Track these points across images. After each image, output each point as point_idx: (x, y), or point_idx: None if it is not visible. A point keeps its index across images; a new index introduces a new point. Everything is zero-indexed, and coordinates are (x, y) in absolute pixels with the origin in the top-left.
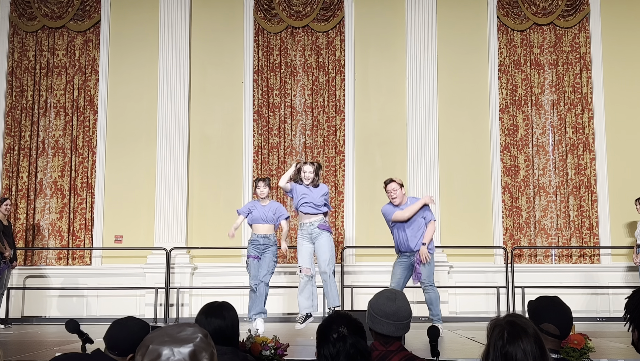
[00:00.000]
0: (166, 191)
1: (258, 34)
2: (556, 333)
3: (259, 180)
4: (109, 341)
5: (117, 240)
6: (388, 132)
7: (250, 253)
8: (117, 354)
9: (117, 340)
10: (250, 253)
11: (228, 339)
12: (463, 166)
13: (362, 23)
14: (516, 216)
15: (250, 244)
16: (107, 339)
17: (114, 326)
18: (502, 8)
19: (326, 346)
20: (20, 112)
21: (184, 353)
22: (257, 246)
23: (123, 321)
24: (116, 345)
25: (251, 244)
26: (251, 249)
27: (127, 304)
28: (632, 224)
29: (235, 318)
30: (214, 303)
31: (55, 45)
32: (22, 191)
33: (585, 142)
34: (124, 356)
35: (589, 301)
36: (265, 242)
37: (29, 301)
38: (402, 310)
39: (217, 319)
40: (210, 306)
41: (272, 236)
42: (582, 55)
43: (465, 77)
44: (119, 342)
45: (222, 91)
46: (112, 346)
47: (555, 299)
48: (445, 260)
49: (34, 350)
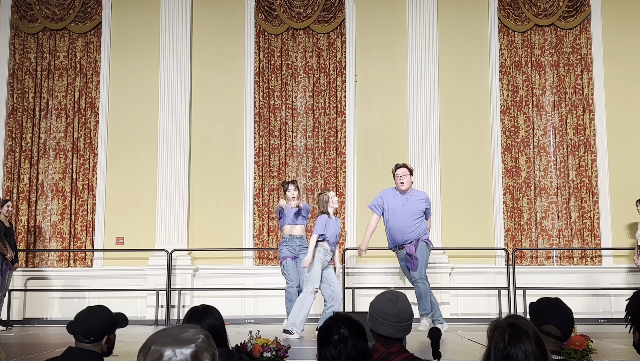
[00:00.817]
0: (167, 193)
1: (259, 35)
2: (557, 334)
3: (289, 183)
4: (83, 330)
5: (118, 242)
6: (389, 133)
7: (285, 253)
8: (92, 340)
9: (92, 327)
10: (285, 253)
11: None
12: (464, 167)
13: (363, 25)
14: (517, 218)
15: (284, 246)
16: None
17: (84, 316)
18: (503, 9)
19: (327, 348)
20: (21, 114)
21: (186, 353)
22: (293, 247)
23: (89, 310)
24: (92, 331)
25: (285, 246)
26: (285, 250)
27: (129, 306)
28: (633, 225)
29: (222, 319)
30: (198, 307)
31: (56, 47)
32: (24, 193)
33: (586, 143)
34: (100, 341)
35: (591, 302)
36: (301, 242)
37: (30, 303)
38: (404, 311)
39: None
40: (196, 310)
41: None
42: (583, 57)
43: (466, 78)
44: (95, 328)
45: (223, 93)
46: (87, 334)
47: (557, 301)
48: (447, 262)
49: (36, 352)
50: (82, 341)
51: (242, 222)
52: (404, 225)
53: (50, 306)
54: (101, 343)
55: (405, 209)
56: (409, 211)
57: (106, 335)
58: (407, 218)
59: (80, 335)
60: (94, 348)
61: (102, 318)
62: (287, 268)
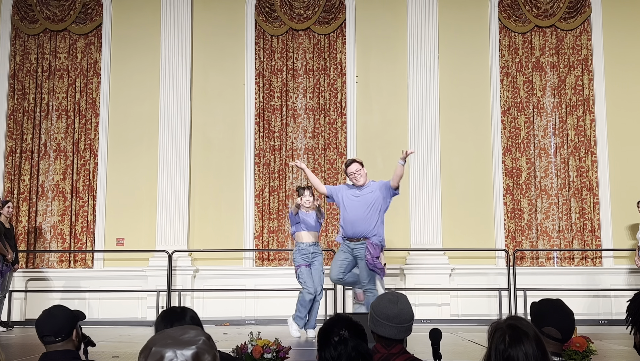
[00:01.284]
0: (168, 194)
1: (260, 36)
2: (558, 336)
3: (304, 188)
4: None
5: (118, 243)
6: (389, 134)
7: (299, 262)
8: (63, 338)
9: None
10: (300, 262)
11: None
12: (464, 169)
13: (363, 26)
14: (518, 219)
15: (298, 254)
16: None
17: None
18: (504, 10)
19: (328, 349)
20: (22, 115)
21: (187, 355)
22: (307, 255)
23: (49, 311)
24: (60, 328)
25: (299, 254)
26: (300, 259)
27: (129, 307)
28: (634, 226)
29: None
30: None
31: (57, 48)
32: (24, 194)
33: (586, 144)
34: (70, 337)
35: (591, 303)
36: (315, 250)
37: (30, 304)
38: (404, 312)
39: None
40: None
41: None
42: (583, 58)
43: (467, 79)
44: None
45: (224, 94)
46: (57, 332)
47: (557, 303)
48: (447, 263)
49: (36, 353)
50: (54, 342)
51: (242, 223)
52: (357, 218)
53: None
54: (72, 338)
55: (359, 202)
56: (363, 203)
57: (74, 329)
58: (361, 210)
59: (51, 336)
60: (66, 347)
61: (64, 314)
62: (302, 276)
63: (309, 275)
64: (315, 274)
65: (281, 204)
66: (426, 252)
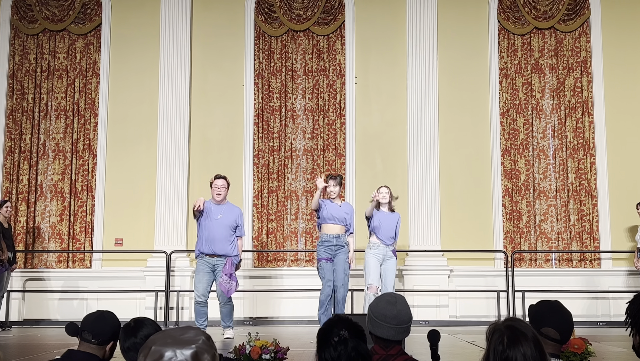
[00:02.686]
0: (167, 194)
1: (259, 37)
2: (556, 337)
3: (330, 178)
4: (94, 330)
5: (117, 243)
6: (388, 135)
7: (321, 255)
8: (99, 342)
9: (103, 329)
10: (322, 255)
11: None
12: (463, 170)
13: (362, 27)
14: (516, 220)
15: (321, 246)
16: (91, 328)
17: (96, 318)
18: (503, 12)
19: (327, 350)
20: (21, 115)
21: (187, 354)
22: (330, 248)
23: (102, 313)
24: (102, 333)
25: (322, 246)
26: (322, 252)
27: (127, 307)
28: (633, 228)
29: (157, 327)
30: (131, 322)
31: (56, 48)
32: (23, 194)
33: (585, 146)
34: (105, 345)
35: (590, 305)
36: (338, 242)
37: (29, 304)
38: (403, 313)
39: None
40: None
41: (344, 236)
42: (582, 60)
43: (466, 81)
44: (106, 331)
45: (223, 94)
46: (96, 334)
47: (556, 304)
48: (446, 264)
49: (34, 353)
50: (89, 341)
51: None
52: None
53: (49, 308)
54: (105, 348)
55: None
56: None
57: (112, 341)
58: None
59: (89, 335)
60: (95, 352)
61: (113, 323)
62: (323, 270)
63: (329, 270)
64: (339, 268)
65: (280, 205)
66: (425, 253)
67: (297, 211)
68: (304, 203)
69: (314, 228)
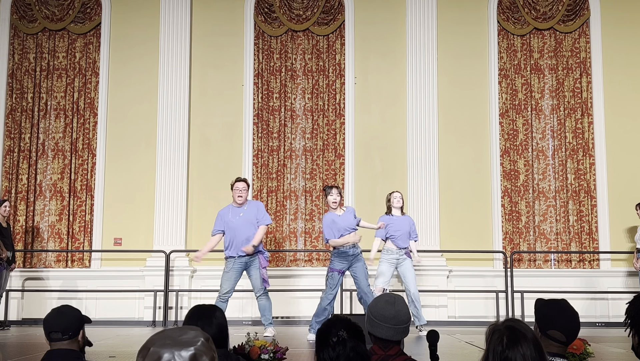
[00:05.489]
0: (166, 194)
1: (258, 37)
2: (563, 340)
3: (332, 187)
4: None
5: (116, 243)
6: (388, 136)
7: (335, 266)
8: (70, 336)
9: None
10: (336, 266)
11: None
12: (463, 170)
13: (362, 27)
14: (516, 221)
15: (337, 257)
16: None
17: (56, 315)
18: (503, 13)
19: (326, 350)
20: (20, 115)
21: (185, 356)
22: (346, 258)
23: (59, 309)
24: (69, 327)
25: (337, 256)
26: (337, 263)
27: (126, 307)
28: (632, 229)
29: (224, 320)
30: (203, 306)
31: (55, 48)
32: (22, 193)
33: (584, 147)
34: (77, 337)
35: (588, 306)
36: (354, 252)
37: (27, 304)
38: (401, 314)
39: (216, 320)
40: (200, 308)
41: (358, 246)
42: (582, 60)
43: (465, 81)
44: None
45: (223, 94)
46: (65, 330)
47: (564, 304)
48: (445, 264)
49: (33, 353)
50: (60, 339)
51: None
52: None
53: (48, 307)
54: (77, 339)
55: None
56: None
57: (81, 330)
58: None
59: (59, 333)
60: (71, 346)
61: (73, 314)
62: (333, 279)
63: (339, 282)
64: (360, 276)
65: (279, 205)
66: (424, 254)
67: (296, 211)
68: (303, 203)
69: (313, 228)
